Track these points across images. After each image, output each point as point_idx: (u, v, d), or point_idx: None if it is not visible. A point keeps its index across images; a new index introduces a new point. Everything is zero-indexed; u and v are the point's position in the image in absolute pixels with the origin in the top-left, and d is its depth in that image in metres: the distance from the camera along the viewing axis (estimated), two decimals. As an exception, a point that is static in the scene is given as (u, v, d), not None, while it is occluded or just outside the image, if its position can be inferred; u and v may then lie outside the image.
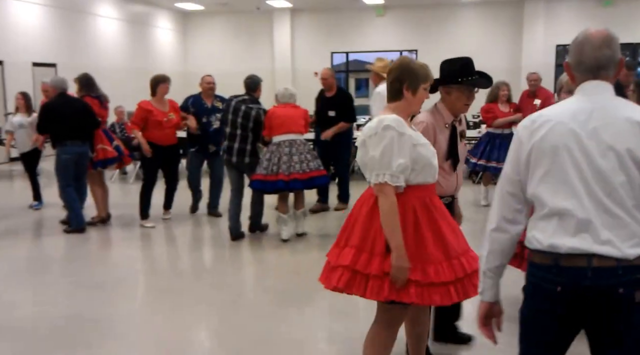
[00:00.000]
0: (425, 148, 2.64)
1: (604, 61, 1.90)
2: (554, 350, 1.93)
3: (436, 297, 2.56)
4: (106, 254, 5.95)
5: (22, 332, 3.89)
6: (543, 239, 1.85)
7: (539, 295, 1.88)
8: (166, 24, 19.02)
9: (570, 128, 1.85)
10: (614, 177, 1.79)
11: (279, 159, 5.79)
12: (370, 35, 18.27)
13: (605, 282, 1.77)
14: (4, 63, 12.52)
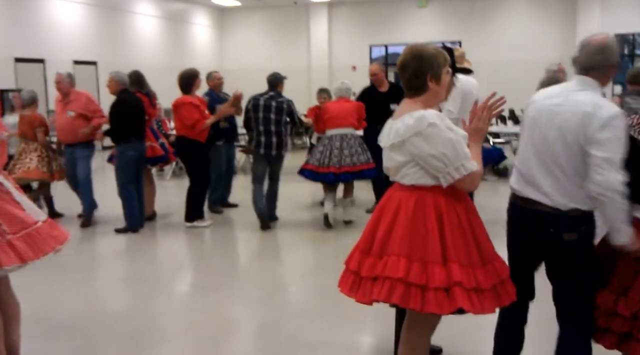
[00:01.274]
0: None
1: (595, 64, 2.55)
2: (527, 256, 2.78)
3: (487, 303, 2.39)
4: (149, 251, 5.98)
5: (72, 329, 3.94)
6: (511, 182, 2.78)
7: (510, 219, 2.82)
8: (203, 21, 19.12)
9: (542, 105, 2.64)
10: (559, 150, 2.53)
11: (330, 152, 6.18)
12: (411, 26, 17.95)
13: (543, 222, 2.60)
14: (46, 61, 12.77)
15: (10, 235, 2.83)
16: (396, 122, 2.49)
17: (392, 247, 2.41)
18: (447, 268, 2.35)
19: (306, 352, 3.57)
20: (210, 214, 7.22)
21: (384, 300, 2.39)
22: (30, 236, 2.91)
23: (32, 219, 2.99)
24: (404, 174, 2.47)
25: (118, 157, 6.26)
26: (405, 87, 2.53)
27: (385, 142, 2.53)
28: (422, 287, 2.34)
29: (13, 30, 11.91)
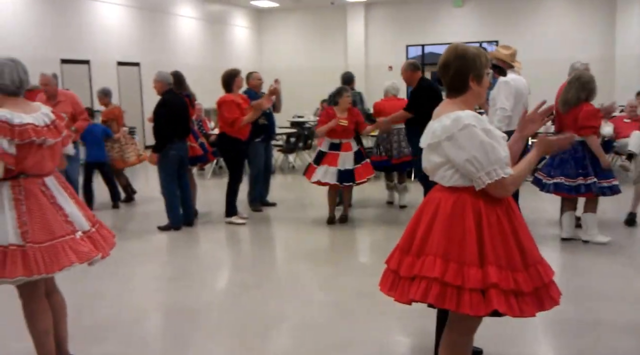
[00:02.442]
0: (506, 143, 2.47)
1: None
2: None
3: (527, 307, 2.37)
4: (191, 248, 6.09)
5: (117, 326, 4.03)
6: None
7: None
8: (242, 22, 19.36)
9: None
10: None
11: (390, 145, 7.17)
12: (447, 26, 17.82)
13: None
14: (91, 62, 13.14)
15: (30, 244, 2.81)
16: (434, 123, 2.48)
17: (429, 247, 2.41)
18: (484, 270, 2.33)
19: (345, 350, 3.57)
20: (250, 211, 7.34)
21: (420, 299, 2.39)
22: (53, 248, 2.87)
23: (66, 230, 2.95)
24: (442, 175, 2.47)
25: (161, 156, 6.42)
26: (446, 87, 2.53)
27: (423, 143, 2.53)
28: (458, 288, 2.33)
29: (59, 33, 12.30)
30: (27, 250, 2.79)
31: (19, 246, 2.79)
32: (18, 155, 2.87)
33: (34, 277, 2.81)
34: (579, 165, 5.43)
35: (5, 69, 2.92)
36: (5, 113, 2.84)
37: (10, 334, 3.84)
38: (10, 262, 2.76)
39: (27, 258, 2.78)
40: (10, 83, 2.93)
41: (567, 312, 3.90)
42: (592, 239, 5.56)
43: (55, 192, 3.01)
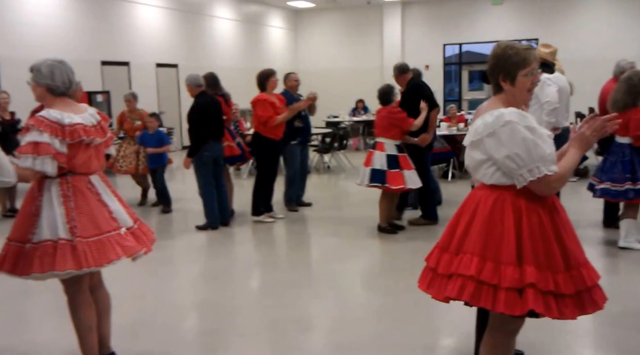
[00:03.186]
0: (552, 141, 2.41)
1: None
2: None
3: (567, 310, 2.32)
4: (228, 247, 6.14)
5: (155, 323, 4.10)
6: None
7: None
8: (278, 23, 19.46)
9: None
10: None
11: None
12: (486, 24, 17.55)
13: None
14: (130, 64, 13.40)
15: (79, 238, 2.88)
16: (477, 120, 2.46)
17: (467, 245, 2.41)
18: (522, 269, 2.30)
19: (384, 351, 3.55)
20: (287, 212, 7.36)
21: (456, 297, 2.39)
22: (101, 243, 2.93)
23: (111, 226, 3.02)
24: (483, 173, 2.44)
25: (196, 158, 6.47)
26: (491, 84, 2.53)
27: (466, 140, 2.51)
28: (494, 287, 2.31)
29: (100, 35, 12.58)
30: (76, 244, 2.86)
31: (68, 240, 2.86)
32: (68, 154, 2.93)
33: (83, 270, 2.87)
34: (627, 170, 5.20)
35: (56, 70, 2.99)
36: (56, 113, 2.92)
37: (56, 331, 3.94)
38: (60, 255, 2.83)
39: (76, 252, 2.85)
40: (61, 84, 3.00)
41: (611, 316, 3.78)
42: (630, 246, 5.34)
43: (100, 189, 3.08)
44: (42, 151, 2.85)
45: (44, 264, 2.83)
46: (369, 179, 6.01)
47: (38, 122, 2.88)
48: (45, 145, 2.85)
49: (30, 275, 2.86)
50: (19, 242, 2.93)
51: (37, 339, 3.85)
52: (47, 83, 2.98)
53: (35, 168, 2.86)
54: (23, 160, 2.86)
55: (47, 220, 2.89)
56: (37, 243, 2.87)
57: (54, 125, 2.88)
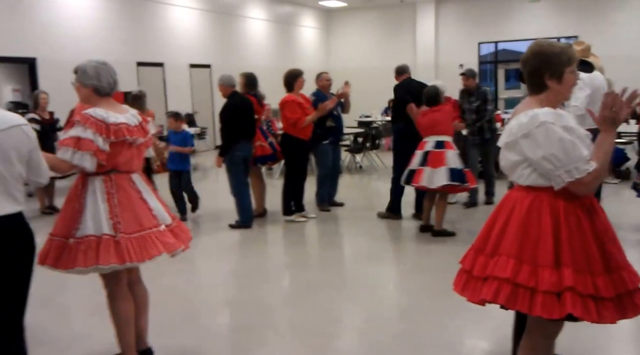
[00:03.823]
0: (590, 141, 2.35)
1: None
2: None
3: (607, 313, 2.26)
4: (260, 246, 6.18)
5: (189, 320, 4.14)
6: None
7: None
8: (310, 23, 19.49)
9: None
10: None
11: None
12: (522, 22, 17.22)
13: None
14: (165, 65, 13.58)
15: (122, 234, 2.95)
16: (512, 121, 2.43)
17: (503, 247, 2.38)
18: (560, 272, 2.26)
19: (416, 353, 3.53)
20: (318, 211, 7.35)
21: (491, 300, 2.36)
22: (142, 239, 3.01)
23: (152, 223, 3.09)
24: (519, 174, 2.41)
25: (227, 158, 6.51)
26: (527, 84, 2.47)
27: (501, 141, 2.48)
28: (530, 290, 2.28)
29: (136, 37, 12.79)
30: (119, 240, 2.93)
31: (112, 236, 2.94)
32: (111, 152, 3.00)
33: (126, 265, 2.95)
34: None
35: (102, 71, 3.06)
36: (102, 113, 3.00)
37: (94, 325, 4.03)
38: (103, 250, 2.90)
39: (119, 247, 2.92)
40: (106, 85, 3.07)
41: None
42: None
43: (141, 187, 3.16)
44: (84, 146, 2.93)
45: (88, 259, 2.91)
46: (448, 179, 5.72)
47: (84, 118, 2.96)
48: (87, 142, 2.93)
49: (74, 268, 2.93)
50: (62, 237, 3.00)
51: (76, 333, 3.95)
52: (93, 84, 3.05)
53: (73, 162, 2.93)
54: (62, 152, 2.94)
55: (91, 216, 2.96)
56: (81, 238, 2.95)
57: (99, 123, 2.96)
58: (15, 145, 2.45)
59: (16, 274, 2.52)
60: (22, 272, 2.55)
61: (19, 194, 2.52)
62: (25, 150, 2.51)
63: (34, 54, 10.60)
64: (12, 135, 2.44)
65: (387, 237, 6.25)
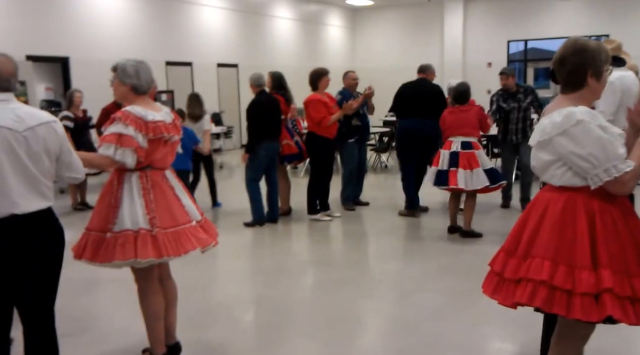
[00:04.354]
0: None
1: None
2: None
3: None
4: (282, 244, 6.24)
5: (213, 316, 4.22)
6: None
7: None
8: (336, 21, 19.50)
9: None
10: None
11: None
12: (552, 20, 16.98)
13: None
14: (193, 64, 13.75)
15: (158, 229, 3.01)
16: (544, 119, 2.39)
17: (537, 249, 2.33)
18: (597, 274, 2.22)
19: (440, 354, 3.52)
20: (343, 210, 7.38)
21: (527, 303, 2.31)
22: (178, 234, 3.07)
23: (185, 219, 3.15)
24: (552, 174, 2.37)
25: (250, 155, 6.58)
26: (562, 82, 2.42)
27: (533, 141, 2.45)
28: (567, 292, 2.23)
29: (165, 36, 12.97)
30: (156, 234, 3.00)
31: (148, 231, 3.00)
32: (149, 149, 3.07)
33: (163, 259, 3.02)
34: None
35: (140, 70, 3.12)
36: (140, 110, 3.06)
37: (125, 319, 4.12)
38: (141, 244, 2.96)
39: (156, 242, 2.98)
40: (145, 83, 3.14)
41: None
42: None
43: (174, 184, 3.23)
44: (125, 143, 2.98)
45: (126, 252, 2.96)
46: (490, 181, 5.72)
47: (124, 115, 3.01)
48: (129, 138, 2.98)
49: (112, 262, 2.99)
50: (99, 232, 3.06)
51: (108, 327, 4.04)
52: (132, 82, 3.10)
53: (115, 158, 2.99)
54: (105, 149, 2.99)
55: (128, 211, 3.02)
56: (119, 232, 3.00)
57: (138, 121, 3.02)
58: (44, 142, 2.51)
59: (46, 268, 2.59)
60: (51, 267, 2.62)
61: (48, 190, 2.58)
62: (55, 147, 2.57)
63: (67, 54, 10.84)
64: (41, 133, 2.50)
65: (412, 237, 6.25)
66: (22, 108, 2.54)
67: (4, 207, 2.43)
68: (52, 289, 2.67)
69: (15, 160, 2.45)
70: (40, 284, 2.60)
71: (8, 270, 2.49)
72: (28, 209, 2.48)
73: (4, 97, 2.51)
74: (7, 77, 2.52)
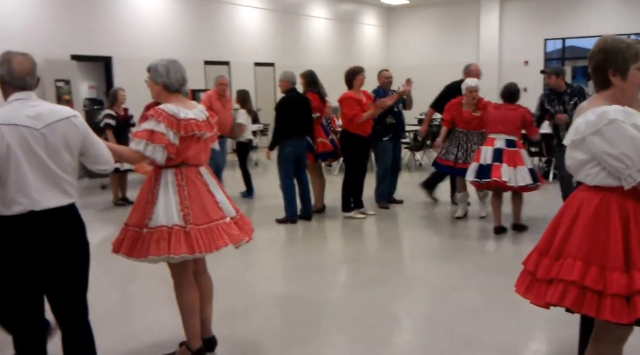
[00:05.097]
0: None
1: None
2: None
3: None
4: (316, 241, 6.34)
5: (250, 311, 4.31)
6: None
7: None
8: (371, 20, 19.50)
9: None
10: None
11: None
12: (590, 18, 16.64)
13: None
14: (231, 64, 13.96)
15: (192, 225, 3.06)
16: (578, 118, 2.37)
17: (569, 249, 2.32)
18: (630, 275, 2.20)
19: (474, 352, 3.51)
20: (377, 208, 7.43)
21: (556, 303, 2.31)
22: (210, 230, 3.10)
23: (219, 215, 3.19)
24: (586, 173, 2.35)
25: (279, 152, 6.69)
26: (592, 80, 2.44)
27: (567, 140, 2.43)
28: (598, 293, 2.22)
29: (203, 36, 13.22)
30: (189, 231, 3.05)
31: (182, 227, 3.06)
32: (182, 146, 3.13)
33: (195, 255, 3.08)
34: None
35: (171, 68, 3.20)
36: (173, 108, 3.13)
37: (163, 312, 4.25)
38: (174, 240, 3.03)
39: (189, 238, 3.04)
40: (175, 81, 3.21)
41: None
42: None
43: (208, 180, 3.29)
44: (156, 139, 3.05)
45: (160, 248, 3.02)
46: (532, 179, 5.84)
47: (157, 113, 3.09)
48: (160, 135, 3.05)
49: (147, 257, 3.07)
50: (136, 227, 3.15)
51: (144, 320, 4.15)
52: (163, 81, 3.18)
53: (146, 153, 3.05)
54: (136, 144, 3.06)
55: (163, 208, 3.09)
56: (154, 228, 3.07)
57: (170, 118, 3.08)
58: (63, 138, 2.55)
59: (68, 264, 2.63)
60: (74, 263, 2.66)
61: (70, 187, 2.61)
62: (76, 141, 2.61)
63: (110, 53, 11.17)
64: (60, 128, 2.54)
65: (446, 235, 6.25)
66: (42, 105, 2.57)
67: (23, 204, 2.47)
68: (79, 284, 2.72)
69: (33, 158, 2.48)
70: (65, 279, 2.64)
71: (29, 266, 2.54)
72: (47, 205, 2.51)
73: (21, 95, 2.55)
74: (22, 76, 2.55)
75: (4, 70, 2.55)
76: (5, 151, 2.44)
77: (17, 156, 2.46)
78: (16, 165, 2.46)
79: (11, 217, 2.50)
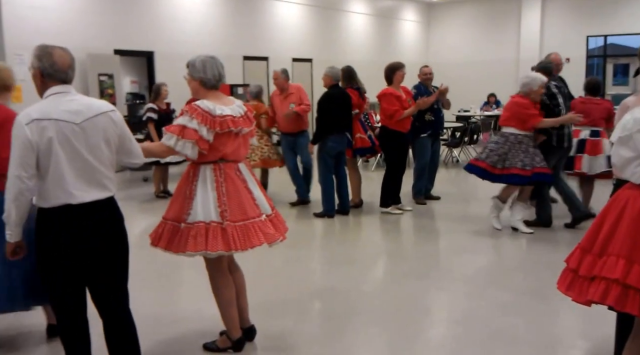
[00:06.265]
0: None
1: None
2: None
3: None
4: (355, 235, 6.39)
5: (285, 303, 4.37)
6: None
7: None
8: (411, 16, 19.39)
9: None
10: None
11: None
12: (633, 16, 16.20)
13: None
14: (269, 59, 14.09)
15: (228, 222, 3.07)
16: (626, 115, 2.36)
17: (613, 247, 2.31)
18: None
19: (511, 348, 3.51)
20: (414, 204, 7.44)
21: (599, 301, 2.30)
22: (246, 228, 3.11)
23: (255, 212, 3.19)
24: (632, 171, 2.33)
25: (319, 147, 6.73)
26: None
27: (614, 137, 2.41)
28: None
29: (243, 31, 13.36)
30: (226, 227, 3.07)
31: (219, 223, 3.08)
32: (219, 143, 3.13)
33: (231, 252, 3.12)
34: None
35: (208, 64, 3.22)
36: (209, 104, 3.13)
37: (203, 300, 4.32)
38: (211, 237, 3.05)
39: (226, 235, 3.06)
40: (212, 77, 3.22)
41: None
42: None
43: (247, 176, 3.30)
44: (187, 135, 3.04)
45: (198, 244, 3.05)
46: (607, 165, 6.01)
47: (191, 109, 3.09)
48: (191, 131, 3.04)
49: (184, 252, 3.10)
50: (175, 221, 3.17)
51: (186, 309, 4.25)
52: (200, 76, 3.18)
53: (176, 148, 3.07)
54: (167, 139, 3.09)
55: (201, 203, 3.10)
56: (192, 223, 3.09)
57: (205, 115, 3.07)
58: (103, 132, 2.58)
59: (105, 257, 2.66)
60: (112, 256, 2.69)
61: (108, 181, 2.63)
62: (113, 135, 2.64)
63: (152, 48, 11.40)
64: (100, 123, 2.57)
65: (484, 232, 6.20)
66: (81, 99, 2.60)
67: (60, 197, 2.51)
68: (120, 274, 2.76)
69: (73, 152, 2.51)
70: (104, 270, 2.68)
71: (66, 259, 2.57)
72: (84, 199, 2.54)
73: (60, 89, 2.57)
74: (64, 69, 2.57)
75: (45, 63, 2.55)
76: (47, 145, 2.47)
77: (57, 150, 2.48)
78: (56, 159, 2.49)
79: (49, 210, 2.54)
